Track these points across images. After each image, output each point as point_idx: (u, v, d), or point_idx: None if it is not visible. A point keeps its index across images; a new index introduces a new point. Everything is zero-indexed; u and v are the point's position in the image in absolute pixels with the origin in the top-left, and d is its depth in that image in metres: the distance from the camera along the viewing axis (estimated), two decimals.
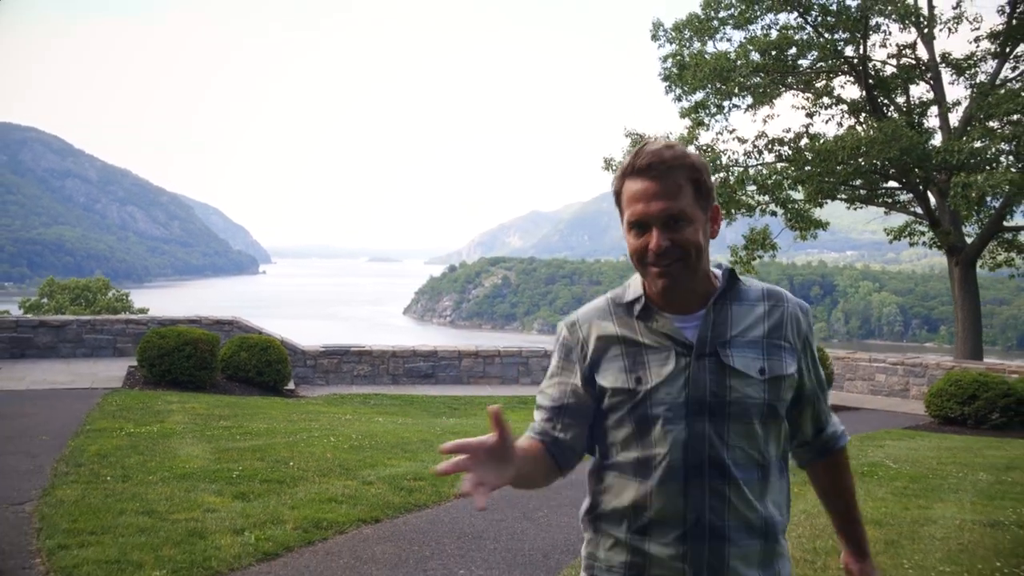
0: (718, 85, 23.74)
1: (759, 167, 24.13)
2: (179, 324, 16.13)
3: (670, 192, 1.79)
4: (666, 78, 24.71)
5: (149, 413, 10.84)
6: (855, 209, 27.73)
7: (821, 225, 25.41)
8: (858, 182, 24.45)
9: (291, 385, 16.06)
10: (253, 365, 14.90)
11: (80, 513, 5.86)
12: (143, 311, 48.55)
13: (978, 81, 23.66)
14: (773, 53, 23.16)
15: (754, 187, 23.47)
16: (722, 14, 24.82)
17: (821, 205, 24.96)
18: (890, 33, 23.37)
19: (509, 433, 1.67)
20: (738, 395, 1.81)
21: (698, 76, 22.89)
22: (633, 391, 1.85)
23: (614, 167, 24.26)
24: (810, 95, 25.53)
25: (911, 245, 26.30)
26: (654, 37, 25.50)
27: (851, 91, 25.72)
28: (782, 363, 1.86)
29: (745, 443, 1.81)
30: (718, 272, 1.93)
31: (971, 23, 23.71)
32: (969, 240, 23.84)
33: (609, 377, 1.89)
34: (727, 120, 25.11)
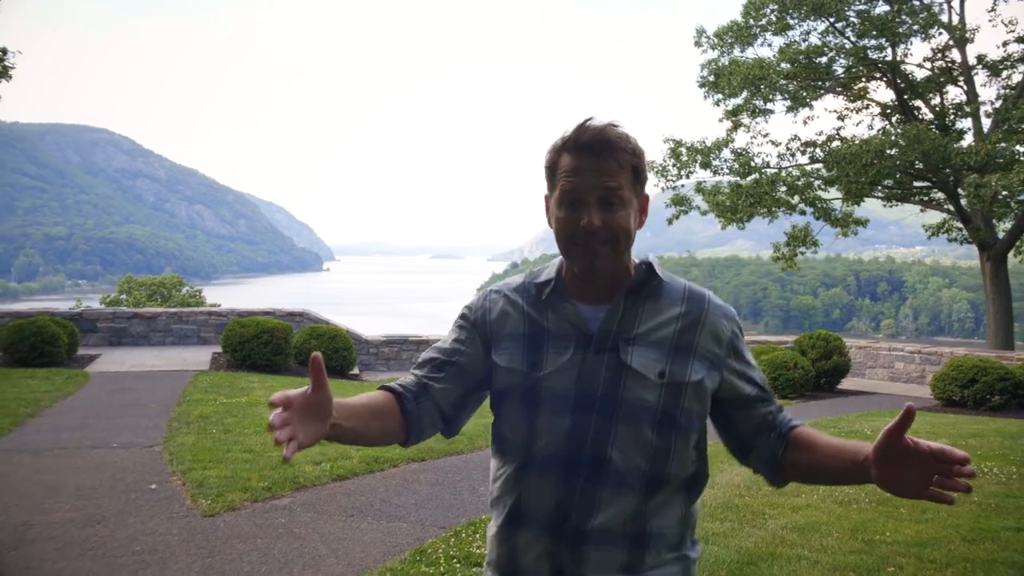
0: (756, 89, 25.05)
1: (790, 169, 25.39)
2: (256, 315, 18.04)
3: (610, 171, 1.76)
4: (702, 84, 26.07)
5: (235, 389, 12.71)
6: (891, 207, 28.78)
7: (860, 222, 26.57)
8: (888, 182, 25.53)
9: (356, 370, 17.88)
10: (321, 351, 16.73)
11: (197, 451, 7.73)
12: (215, 305, 51.08)
13: (1012, 83, 24.54)
14: (804, 61, 24.42)
15: (784, 188, 24.71)
16: (762, 21, 26.13)
17: (859, 203, 26.07)
18: (926, 38, 24.40)
19: (326, 385, 1.61)
20: (631, 396, 1.74)
21: (732, 84, 24.26)
22: (526, 375, 1.81)
23: (655, 168, 25.72)
24: (844, 99, 26.73)
25: (949, 241, 27.23)
26: (697, 43, 26.90)
27: (885, 94, 26.91)
28: (687, 369, 1.77)
29: (631, 447, 1.74)
30: (638, 265, 1.89)
31: (1006, 26, 24.57)
32: (1001, 236, 24.74)
33: (505, 356, 1.85)
34: (767, 122, 26.29)
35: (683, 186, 25.90)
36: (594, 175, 1.75)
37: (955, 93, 25.75)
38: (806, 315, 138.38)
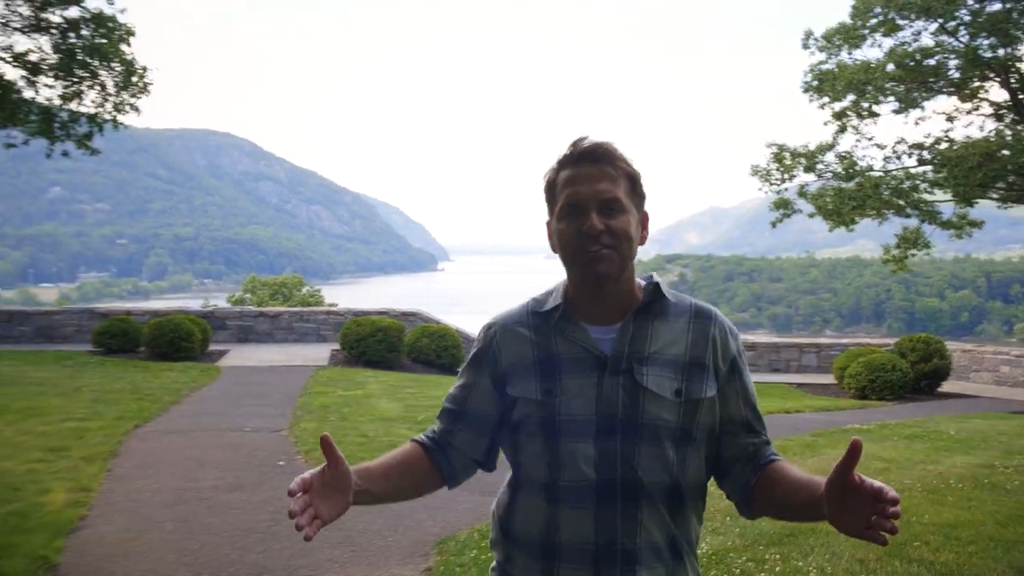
0: (861, 92, 25.06)
1: (895, 172, 25.32)
2: (371, 315, 19.20)
3: (607, 177, 1.80)
4: (806, 89, 26.21)
5: (352, 383, 13.78)
6: (1007, 208, 28.28)
7: (975, 224, 26.23)
8: (1001, 184, 25.18)
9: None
10: (432, 349, 17.78)
11: (318, 436, 8.73)
12: (333, 305, 53.12)
13: None
14: (912, 64, 24.35)
15: (888, 191, 24.66)
16: (871, 22, 26.09)
17: (971, 205, 25.78)
18: None
19: (341, 461, 1.68)
20: (651, 416, 1.76)
21: (836, 88, 24.39)
22: (542, 403, 1.80)
23: (759, 173, 26.00)
24: (957, 99, 26.43)
25: None
26: (804, 46, 27.01)
27: (999, 94, 26.44)
28: (701, 386, 1.80)
29: (656, 465, 1.76)
30: (644, 285, 1.91)
31: None
32: None
33: (519, 387, 1.85)
34: (875, 124, 26.19)
35: (786, 190, 26.08)
36: (593, 182, 1.79)
37: None
38: (932, 318, 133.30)
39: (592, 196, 1.78)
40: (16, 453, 7.62)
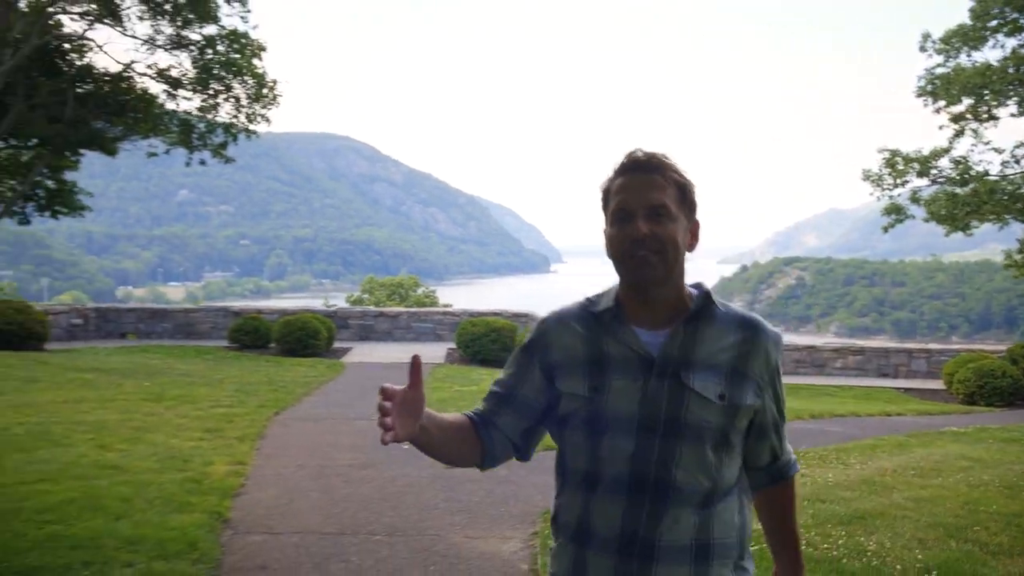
0: (979, 96, 24.81)
1: (1013, 176, 24.98)
2: (485, 316, 20.09)
3: (656, 185, 1.87)
4: (920, 93, 26.02)
5: (467, 379, 14.65)
6: None
7: None
8: None
9: None
10: None
11: None
12: (448, 306, 54.55)
13: None
14: None
15: (1006, 197, 24.36)
16: (991, 23, 25.74)
17: None
18: None
19: (421, 385, 1.78)
20: (694, 418, 1.84)
21: (951, 92, 24.24)
22: (589, 399, 1.89)
23: (871, 178, 25.99)
24: None
25: None
26: (922, 48, 26.83)
27: None
28: (744, 393, 1.89)
29: (694, 466, 1.84)
30: (695, 292, 1.98)
31: None
32: None
33: (568, 382, 1.93)
34: (996, 126, 25.84)
35: (899, 195, 25.98)
36: (642, 190, 1.87)
37: None
38: None
39: (640, 203, 1.87)
40: (179, 432, 8.75)
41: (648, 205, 1.86)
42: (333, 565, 5.04)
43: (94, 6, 26.82)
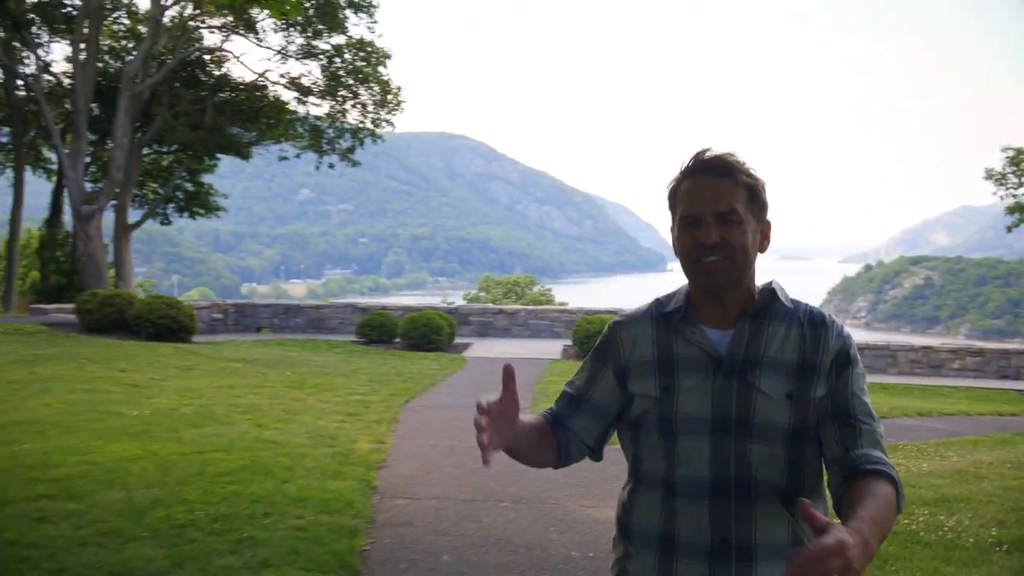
0: None
1: None
2: (600, 313, 20.77)
3: (725, 190, 1.86)
4: None
5: None
6: None
7: None
8: None
9: None
10: None
11: None
12: (564, 304, 55.41)
13: None
14: None
15: None
16: None
17: None
18: None
19: (515, 396, 1.76)
20: (763, 416, 1.83)
21: None
22: (660, 400, 1.89)
23: (994, 177, 25.72)
24: None
25: None
26: None
27: None
28: (812, 386, 1.85)
29: (768, 464, 1.83)
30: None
31: None
32: None
33: (639, 383, 1.93)
34: None
35: None
36: (710, 194, 1.85)
37: None
38: None
39: (709, 208, 1.85)
40: (324, 415, 9.81)
41: (717, 210, 1.85)
42: (467, 524, 5.89)
43: (231, 19, 28.72)
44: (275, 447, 7.89)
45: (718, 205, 1.85)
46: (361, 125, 30.21)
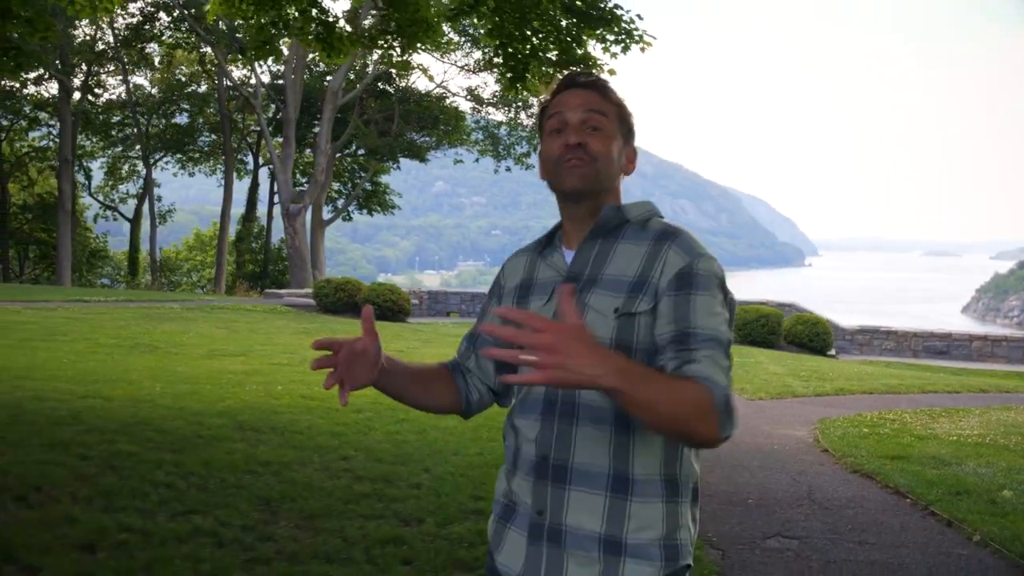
0: None
1: None
2: (752, 304, 23.07)
3: (594, 99, 1.81)
4: None
5: (740, 354, 17.78)
6: None
7: None
8: None
9: (833, 352, 22.25)
10: (805, 334, 21.40)
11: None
12: None
13: None
14: None
15: None
16: None
17: None
18: None
19: (374, 335, 1.73)
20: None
21: None
22: (510, 323, 1.59)
23: None
24: None
25: None
26: None
27: None
28: (637, 301, 1.70)
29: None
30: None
31: None
32: None
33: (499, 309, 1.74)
34: None
35: None
36: (579, 100, 1.80)
37: None
38: None
39: (575, 113, 1.80)
40: None
41: (584, 115, 1.79)
42: None
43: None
44: None
45: (587, 111, 1.79)
46: (534, 131, 33.40)
